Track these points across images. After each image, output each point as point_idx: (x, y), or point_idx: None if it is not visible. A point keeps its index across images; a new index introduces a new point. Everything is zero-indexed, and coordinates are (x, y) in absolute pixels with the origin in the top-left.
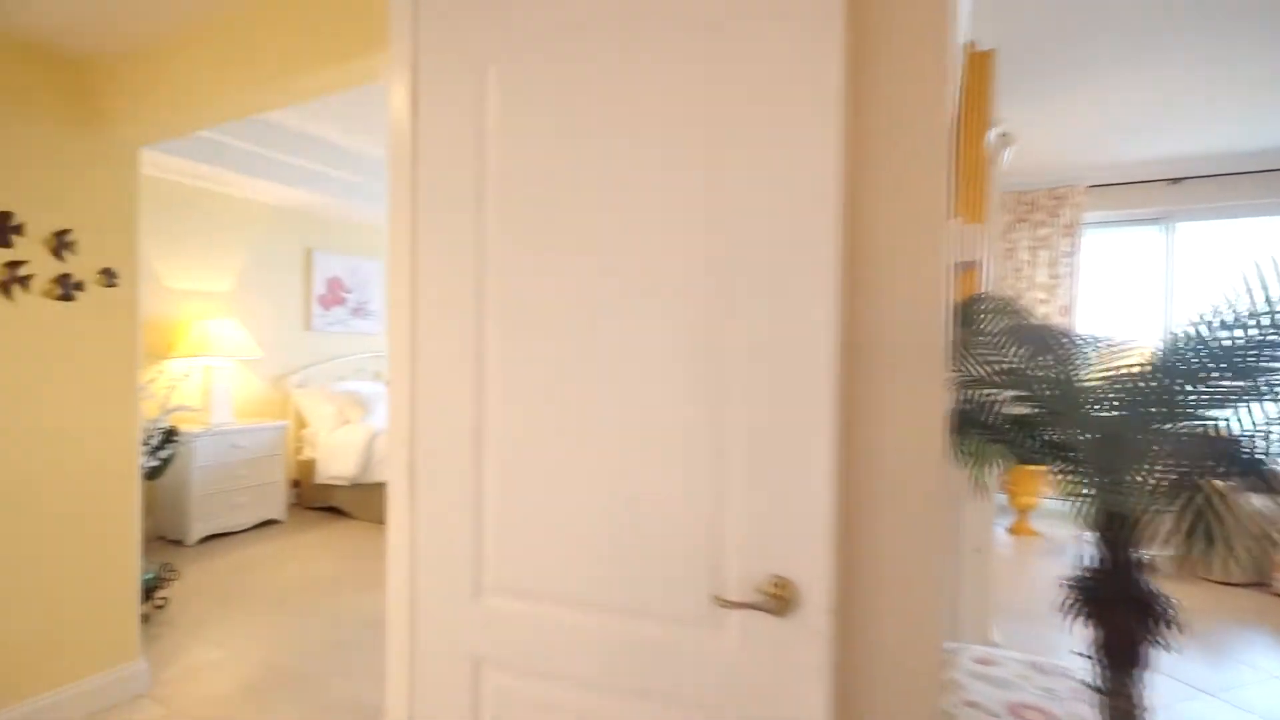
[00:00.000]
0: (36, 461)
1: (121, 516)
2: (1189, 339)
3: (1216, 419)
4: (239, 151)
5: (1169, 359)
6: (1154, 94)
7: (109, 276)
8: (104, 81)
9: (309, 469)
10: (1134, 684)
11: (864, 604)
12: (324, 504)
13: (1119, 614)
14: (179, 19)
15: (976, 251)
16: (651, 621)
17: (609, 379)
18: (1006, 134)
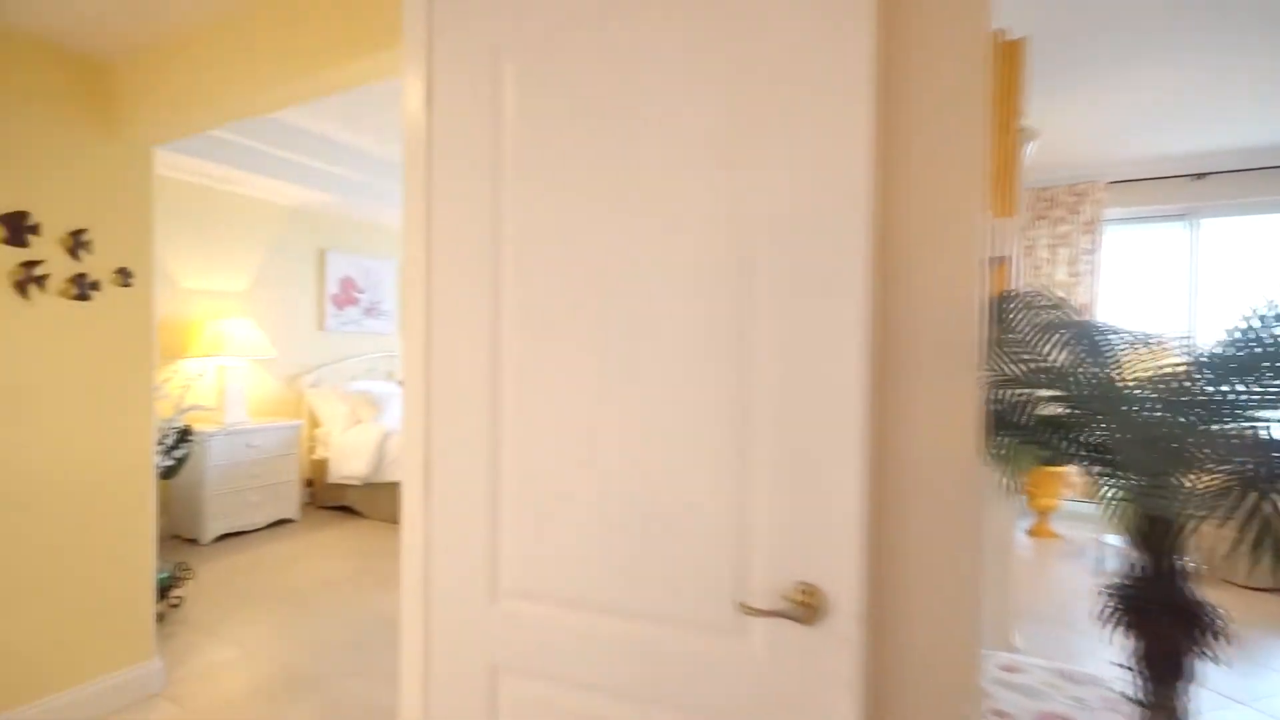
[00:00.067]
0: (52, 461)
1: (136, 516)
2: (1241, 335)
3: (1270, 420)
4: (253, 152)
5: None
6: (1176, 88)
7: (124, 276)
8: (118, 81)
9: (322, 468)
10: (1177, 697)
11: (895, 611)
12: (337, 503)
13: (1161, 624)
14: (191, 18)
15: (1007, 246)
16: (674, 628)
17: (629, 377)
18: (1027, 128)
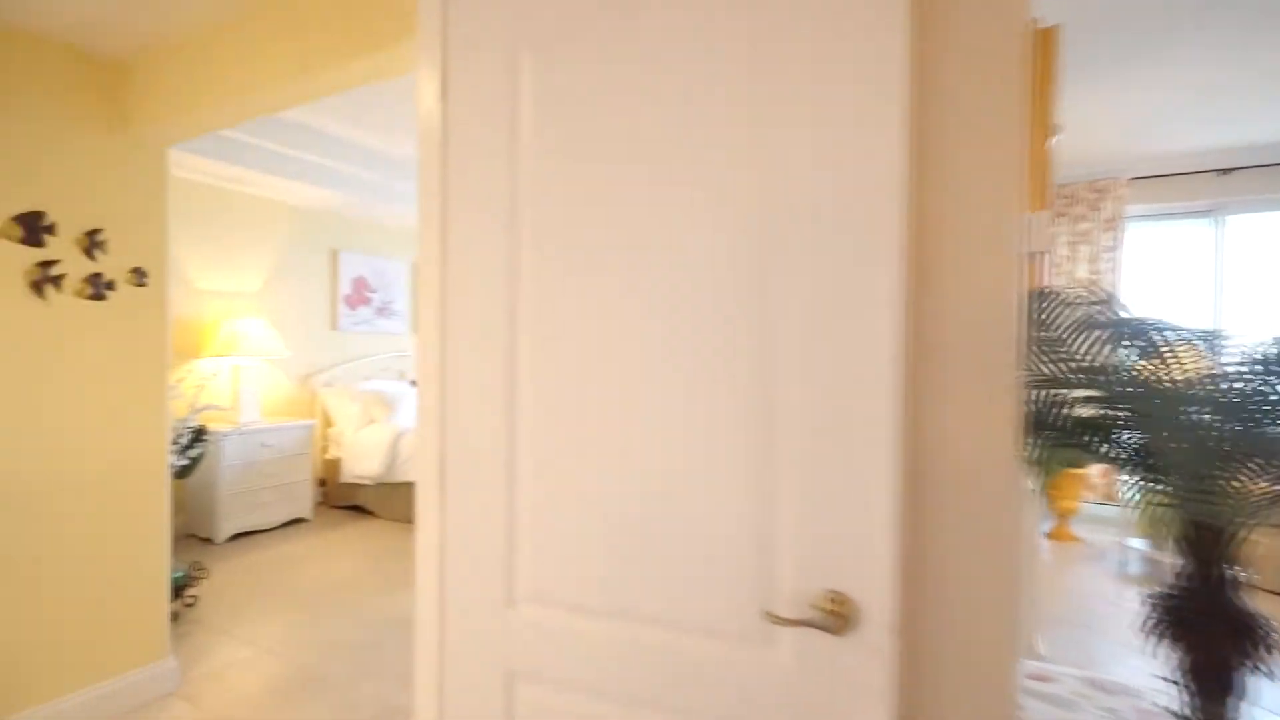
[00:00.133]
0: (67, 460)
1: (151, 515)
2: None
3: None
4: (266, 152)
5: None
6: (1202, 81)
7: (139, 276)
8: (132, 80)
9: (335, 468)
10: (1226, 713)
11: (928, 620)
12: (349, 503)
13: (1210, 636)
14: (206, 16)
15: (1040, 242)
16: (697, 637)
17: (650, 375)
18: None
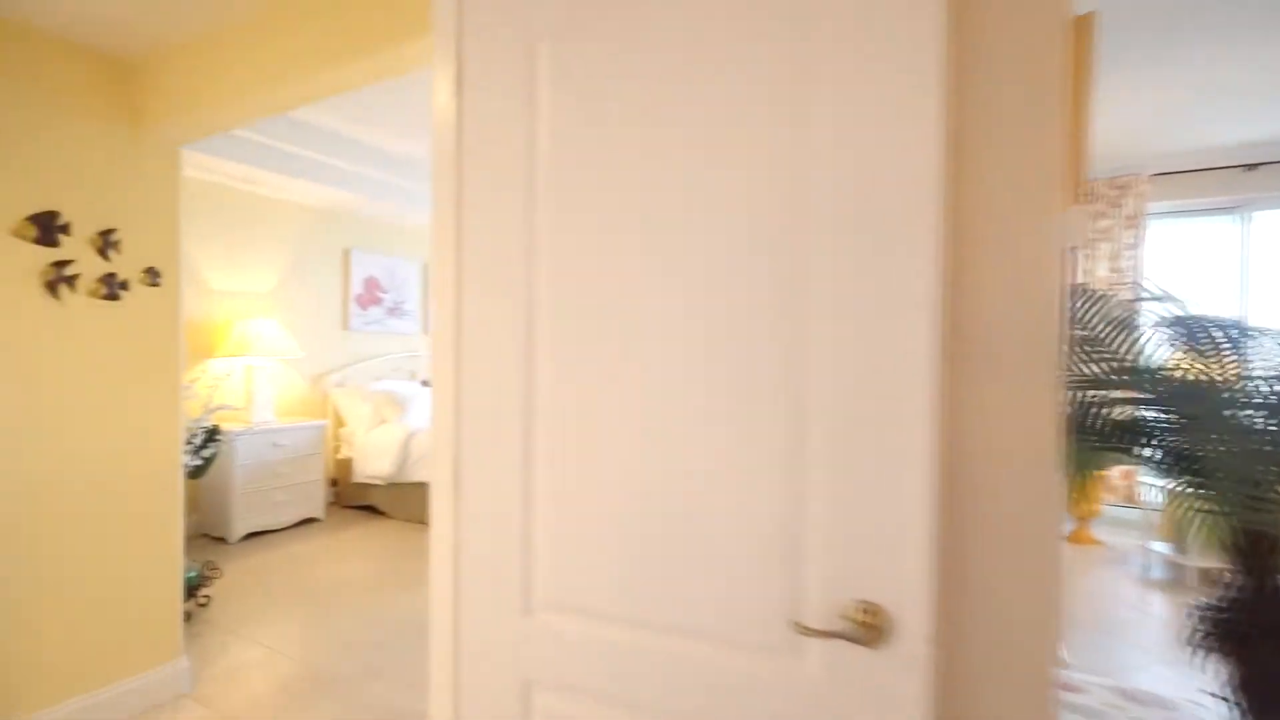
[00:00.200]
0: (81, 461)
1: (165, 515)
2: None
3: None
4: (278, 152)
5: None
6: (1227, 75)
7: (153, 276)
8: (146, 80)
9: (346, 468)
10: None
11: (966, 632)
12: (361, 503)
13: (1263, 649)
14: (218, 16)
15: (1078, 236)
16: (722, 647)
17: (674, 373)
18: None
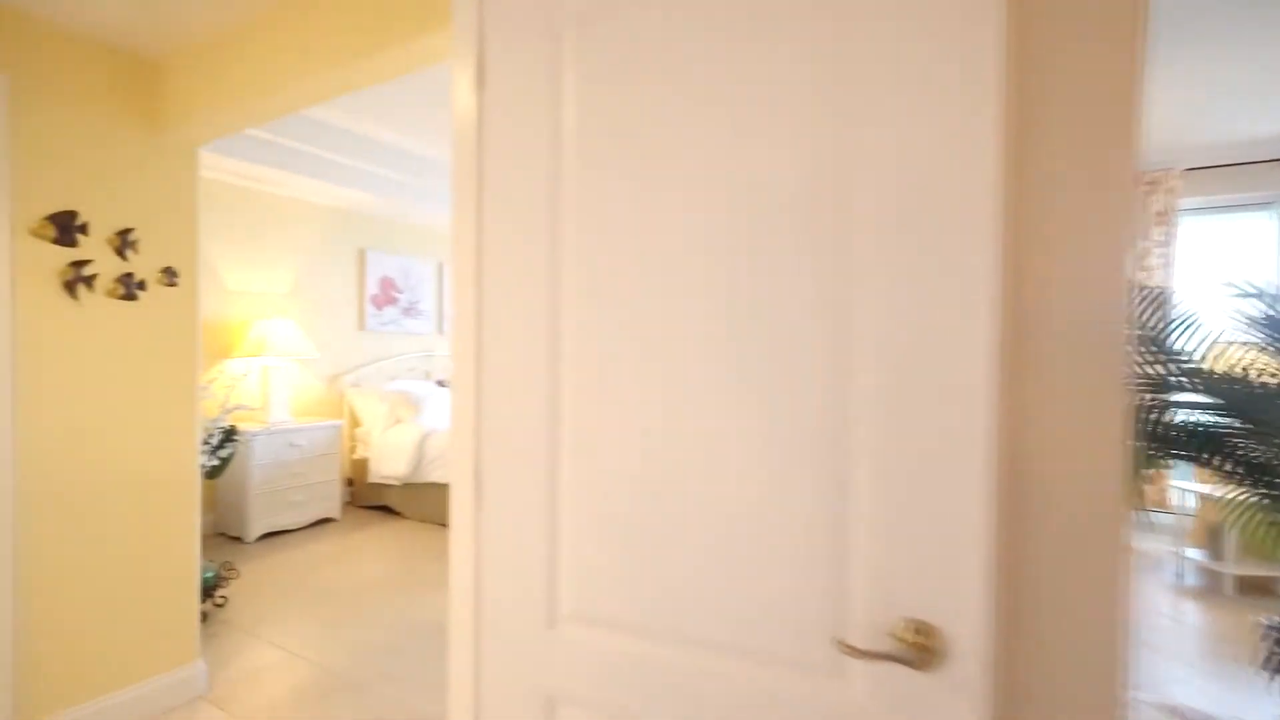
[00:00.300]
0: (98, 461)
1: (181, 516)
2: None
3: None
4: (294, 152)
5: None
6: (1264, 66)
7: (170, 276)
8: (164, 78)
9: (362, 468)
10: None
11: (1025, 654)
12: (376, 503)
13: None
14: (237, 14)
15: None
16: (758, 664)
17: (706, 376)
18: None
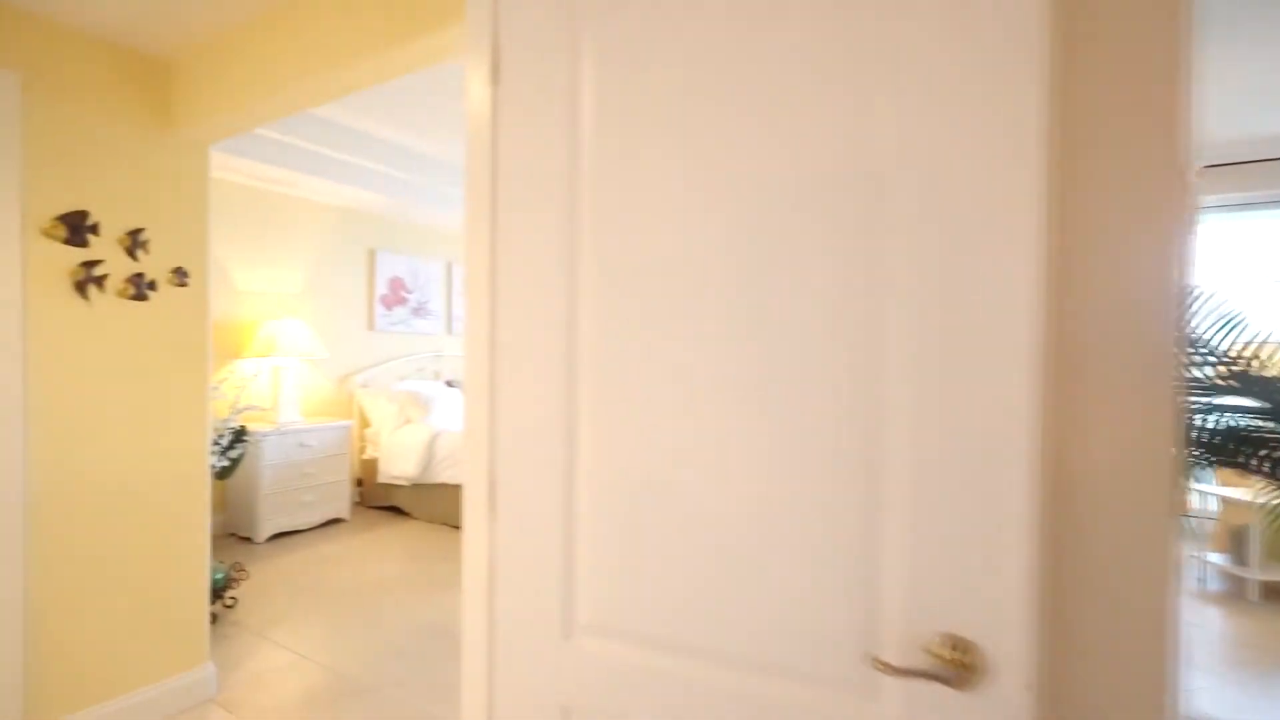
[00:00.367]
0: (109, 461)
1: (192, 517)
2: None
3: None
4: (305, 153)
5: None
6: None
7: (180, 276)
8: (175, 78)
9: (372, 468)
10: None
11: (1070, 672)
12: (385, 503)
13: None
14: (247, 10)
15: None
16: (784, 680)
17: (729, 376)
18: None
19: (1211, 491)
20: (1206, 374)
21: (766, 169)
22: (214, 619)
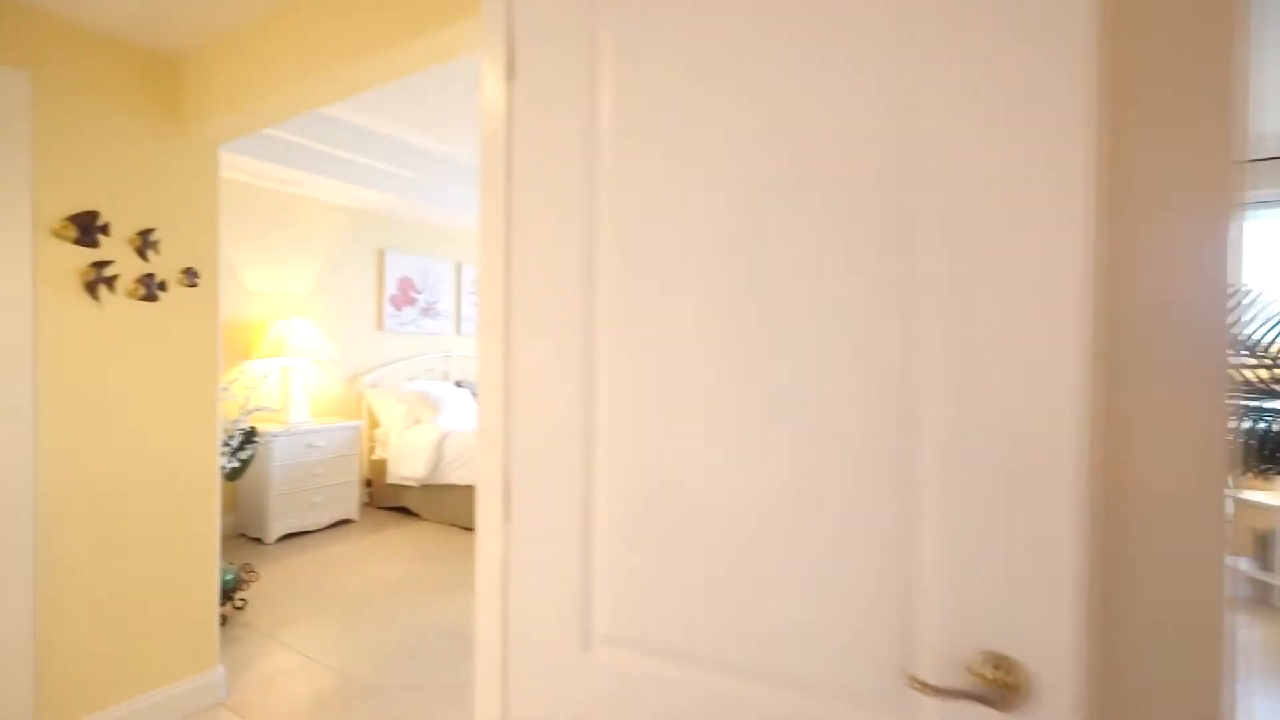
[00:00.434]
0: (119, 463)
1: (202, 519)
2: None
3: None
4: (315, 153)
5: None
6: None
7: (191, 276)
8: (186, 77)
9: (381, 469)
10: None
11: (1120, 691)
12: (394, 504)
13: None
14: (254, 6)
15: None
16: (814, 697)
17: (760, 377)
18: None
19: (1229, 494)
20: (1260, 376)
21: (794, 165)
22: (224, 621)
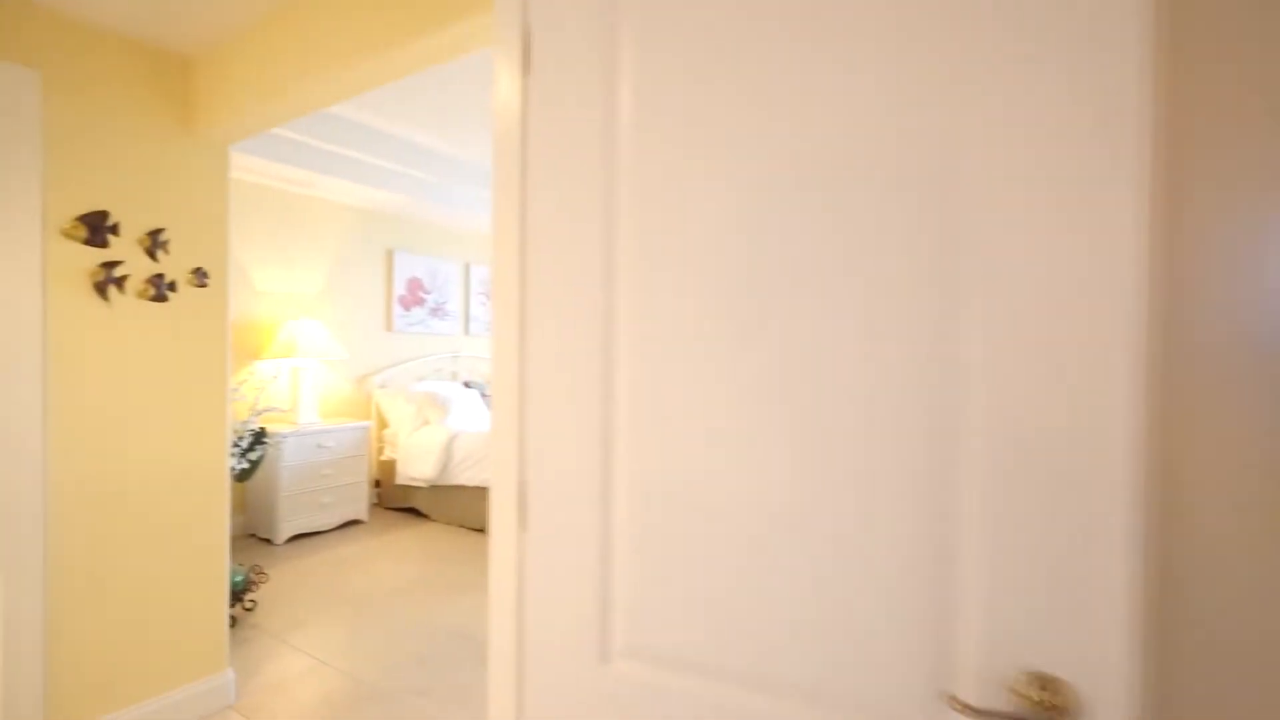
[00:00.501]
0: (129, 464)
1: (211, 520)
2: None
3: None
4: (323, 153)
5: None
6: None
7: (200, 276)
8: (196, 76)
9: (390, 469)
10: None
11: (1177, 716)
12: (403, 505)
13: None
14: (263, 5)
15: None
16: (846, 716)
17: (790, 382)
18: None
19: None
20: None
21: (825, 159)
22: (233, 622)
